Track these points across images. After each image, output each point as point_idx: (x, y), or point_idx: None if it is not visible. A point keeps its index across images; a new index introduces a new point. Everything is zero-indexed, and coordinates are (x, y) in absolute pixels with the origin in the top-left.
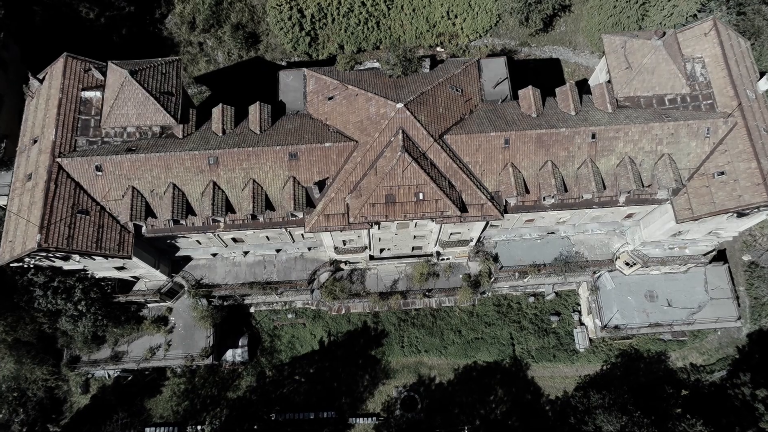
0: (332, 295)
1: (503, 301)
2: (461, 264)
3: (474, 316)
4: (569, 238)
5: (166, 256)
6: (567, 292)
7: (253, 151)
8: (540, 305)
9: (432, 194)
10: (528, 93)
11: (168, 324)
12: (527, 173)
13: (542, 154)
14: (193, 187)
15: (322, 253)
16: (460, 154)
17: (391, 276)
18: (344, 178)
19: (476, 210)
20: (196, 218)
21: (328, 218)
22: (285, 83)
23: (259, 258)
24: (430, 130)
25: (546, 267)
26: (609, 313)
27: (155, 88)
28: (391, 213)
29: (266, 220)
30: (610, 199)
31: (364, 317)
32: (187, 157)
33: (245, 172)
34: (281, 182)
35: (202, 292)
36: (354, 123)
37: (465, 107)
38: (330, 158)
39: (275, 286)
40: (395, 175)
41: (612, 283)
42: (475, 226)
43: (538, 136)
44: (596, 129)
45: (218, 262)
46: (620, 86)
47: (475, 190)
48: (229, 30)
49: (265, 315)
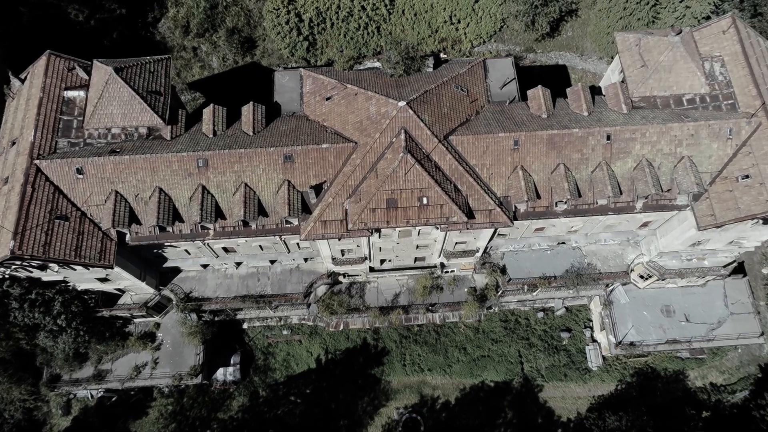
0: (330, 309)
1: (510, 317)
2: (466, 277)
3: (480, 333)
4: (581, 249)
5: (153, 268)
6: (578, 307)
7: (245, 152)
8: (549, 321)
9: (436, 199)
10: (538, 93)
11: (155, 340)
12: (538, 177)
13: (554, 156)
14: (181, 192)
15: (319, 264)
16: (467, 156)
17: (392, 289)
18: (342, 182)
19: (484, 216)
20: (183, 225)
21: (325, 225)
22: (280, 84)
23: (253, 270)
24: (435, 130)
25: (557, 279)
26: (623, 329)
27: (142, 86)
28: (393, 219)
29: (259, 227)
30: (626, 205)
31: (363, 333)
32: (174, 159)
33: (236, 176)
34: (275, 186)
35: (191, 305)
36: (353, 123)
37: (471, 108)
38: (327, 160)
39: (269, 300)
40: (397, 178)
41: (626, 297)
42: (482, 234)
43: (550, 137)
44: (611, 130)
45: (209, 274)
46: (635, 85)
47: (483, 195)
48: (224, 35)
49: (259, 331)
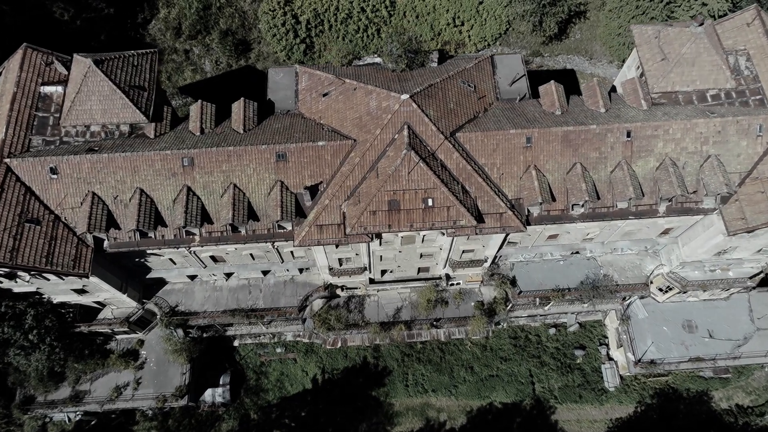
0: (326, 324)
1: (520, 333)
2: (473, 290)
3: (488, 350)
4: (596, 259)
5: (136, 279)
6: (592, 323)
7: (235, 150)
8: (562, 338)
9: (443, 200)
10: (550, 88)
11: (138, 359)
12: (552, 177)
13: (569, 155)
14: (164, 193)
15: (316, 276)
16: (475, 154)
17: (393, 303)
18: (340, 182)
19: (494, 220)
20: (167, 230)
21: (321, 229)
22: (274, 81)
23: (244, 282)
24: (440, 126)
25: (571, 292)
26: (643, 346)
27: (124, 81)
28: (395, 222)
29: (249, 233)
30: (649, 209)
31: (363, 351)
32: (157, 157)
33: (225, 176)
34: (267, 187)
35: (176, 320)
36: (352, 120)
37: (479, 104)
38: (324, 159)
39: (261, 314)
40: (400, 177)
41: (644, 312)
42: (491, 241)
43: (565, 134)
44: (631, 126)
45: (197, 286)
46: (655, 80)
47: (493, 197)
48: (217, 37)
49: (251, 349)
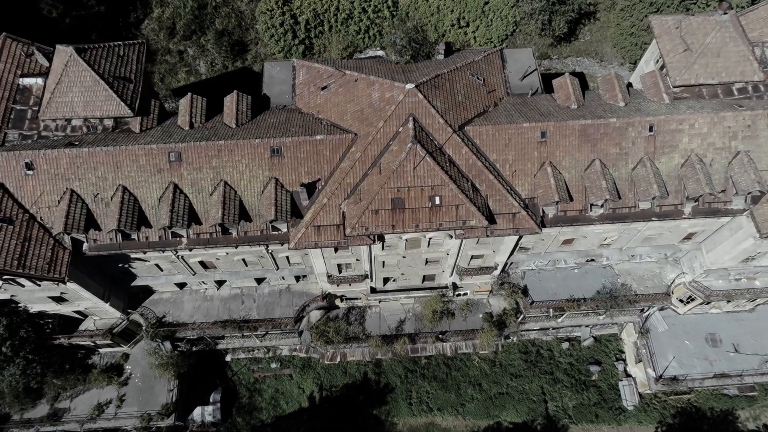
0: (325, 337)
1: (531, 348)
2: (481, 301)
3: (497, 366)
4: (612, 267)
5: (120, 287)
6: (607, 337)
7: (226, 145)
8: (576, 352)
9: (451, 198)
10: (565, 81)
11: (122, 374)
12: (569, 175)
13: (588, 150)
14: (149, 191)
15: (313, 285)
16: (486, 150)
17: (396, 315)
18: (340, 179)
19: (507, 221)
20: (151, 231)
21: (319, 231)
22: (270, 75)
23: (236, 291)
24: (448, 119)
25: (587, 302)
26: (663, 361)
27: (108, 71)
28: (399, 222)
29: (240, 234)
30: (673, 209)
31: (363, 367)
32: (141, 152)
33: (215, 172)
34: (260, 185)
35: (163, 332)
36: (353, 113)
37: (488, 98)
38: (322, 154)
39: (254, 325)
40: (404, 173)
41: (664, 324)
42: (502, 245)
43: (583, 128)
44: (654, 120)
45: (185, 295)
46: (678, 72)
47: (506, 195)
48: (212, 37)
49: (244, 364)
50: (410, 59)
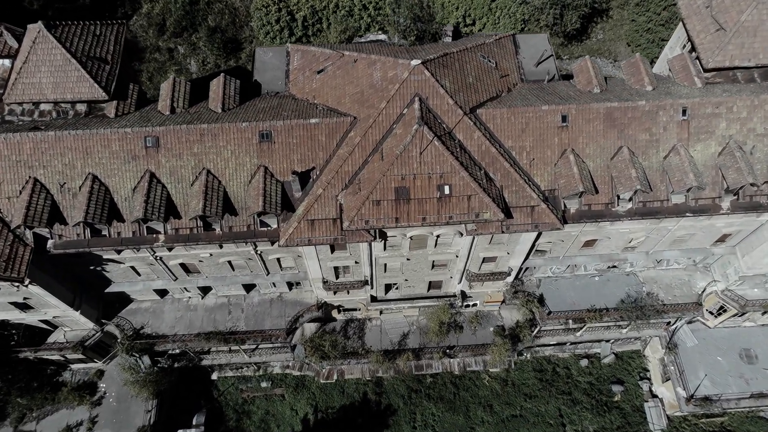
0: (320, 352)
1: (546, 365)
2: (492, 313)
3: (509, 386)
4: (636, 275)
5: (93, 293)
6: (629, 354)
7: (209, 129)
8: (596, 371)
9: (463, 187)
10: (586, 65)
11: (96, 393)
12: (594, 164)
13: (614, 136)
14: (122, 180)
15: (308, 293)
16: (500, 135)
17: (399, 328)
18: (337, 167)
19: (524, 215)
20: (124, 226)
21: (313, 225)
22: (262, 61)
23: (223, 300)
24: (458, 100)
25: (610, 312)
26: (694, 380)
27: (82, 50)
28: (404, 215)
29: (225, 230)
30: (711, 203)
31: (362, 386)
32: (114, 136)
33: (196, 159)
34: (247, 174)
35: (140, 345)
36: (351, 95)
37: (501, 83)
38: (317, 140)
39: (242, 338)
40: (410, 158)
41: (693, 339)
42: (518, 246)
43: (608, 111)
44: (688, 102)
45: (167, 305)
46: (710, 54)
47: (523, 186)
48: (204, 34)
49: (231, 383)
50: (415, 41)
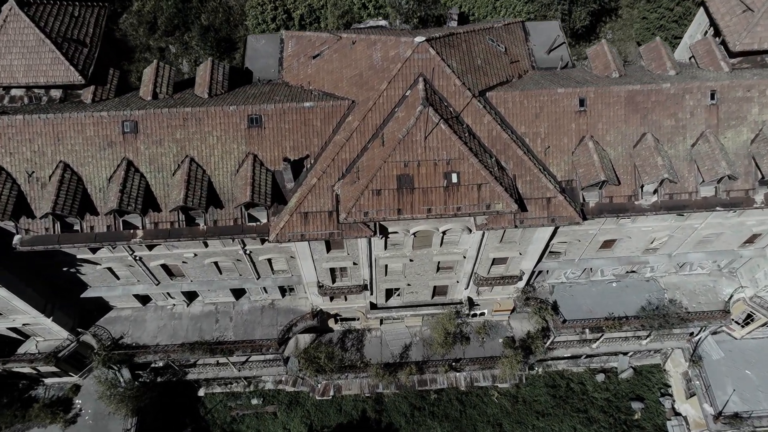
0: (315, 365)
1: (560, 381)
2: (501, 323)
3: (519, 403)
4: (657, 281)
5: (68, 298)
6: (648, 368)
7: (193, 113)
8: (613, 386)
9: (472, 175)
10: (602, 49)
11: (71, 410)
12: (615, 152)
13: (636, 122)
14: (96, 169)
15: (302, 300)
16: (512, 121)
17: (400, 339)
18: (333, 155)
19: (540, 207)
20: (98, 220)
21: (307, 219)
22: (254, 49)
23: (210, 308)
24: (466, 81)
25: (630, 320)
26: (722, 396)
27: (58, 31)
28: (407, 206)
29: (209, 224)
30: (743, 196)
31: (361, 404)
32: (89, 121)
33: (179, 146)
34: (234, 162)
35: (118, 356)
36: (349, 78)
37: (511, 69)
38: (311, 125)
39: (230, 348)
40: (413, 143)
41: (719, 351)
42: (531, 246)
43: (630, 95)
44: (716, 85)
45: (149, 313)
46: (737, 36)
47: (538, 175)
48: (197, 34)
49: (220, 400)
50: (418, 24)
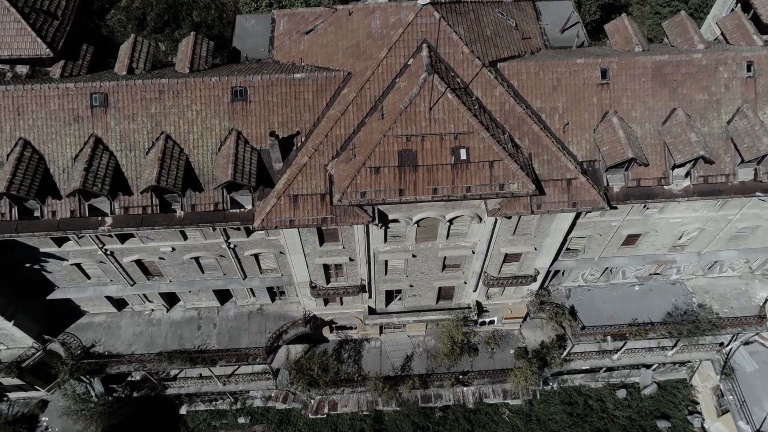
0: (307, 377)
1: (577, 397)
2: (512, 333)
3: (533, 422)
4: (683, 284)
5: (33, 301)
6: (674, 383)
7: (170, 84)
8: (635, 403)
9: (483, 151)
10: (622, 23)
11: (36, 428)
12: (642, 130)
13: (665, 96)
14: (61, 147)
15: (294, 305)
16: (526, 95)
17: (402, 350)
18: (326, 131)
19: (559, 191)
20: (61, 204)
21: (296, 202)
22: (243, 29)
23: (192, 313)
24: (475, 50)
25: (657, 327)
26: (759, 412)
27: (26, 1)
28: (410, 186)
29: (186, 209)
30: None
31: (359, 422)
32: (53, 93)
33: (154, 122)
34: (216, 140)
35: (88, 365)
36: (345, 50)
37: (523, 45)
38: (302, 99)
39: (212, 357)
40: (416, 115)
41: (753, 363)
42: (547, 239)
43: (657, 66)
44: (753, 56)
45: (125, 319)
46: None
47: (557, 154)
48: (188, 31)
49: (203, 419)
50: None
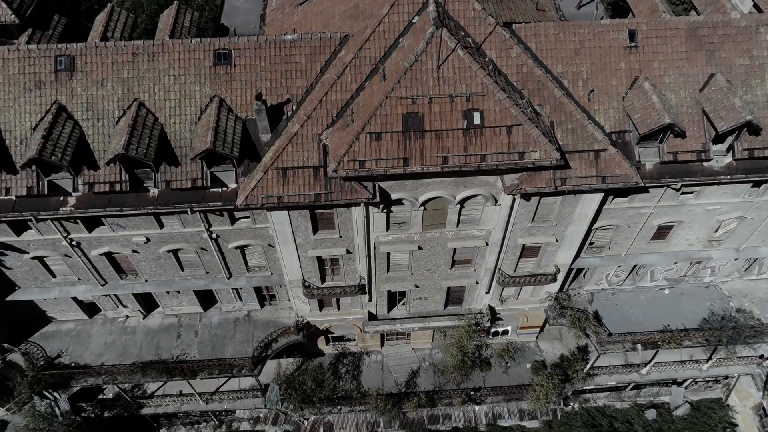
0: (300, 394)
1: (601, 419)
2: (527, 345)
3: None
4: (718, 287)
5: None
6: (708, 402)
7: (146, 47)
8: (667, 425)
9: (499, 114)
10: None
11: None
12: (677, 98)
13: (702, 61)
14: (19, 115)
15: (285, 311)
16: (546, 59)
17: (406, 364)
18: (320, 96)
19: (586, 164)
20: (16, 180)
21: (286, 177)
22: (232, 6)
23: (172, 320)
24: (487, 8)
25: (690, 334)
26: None
27: None
28: (416, 154)
29: (160, 186)
30: None
31: None
32: (13, 55)
33: (126, 88)
34: (195, 107)
35: (50, 377)
36: (341, 14)
37: (537, 15)
38: (294, 63)
39: (192, 368)
40: (423, 74)
41: None
42: (570, 228)
43: (691, 28)
44: None
45: (96, 326)
46: None
47: (582, 123)
48: None
49: None
50: None
